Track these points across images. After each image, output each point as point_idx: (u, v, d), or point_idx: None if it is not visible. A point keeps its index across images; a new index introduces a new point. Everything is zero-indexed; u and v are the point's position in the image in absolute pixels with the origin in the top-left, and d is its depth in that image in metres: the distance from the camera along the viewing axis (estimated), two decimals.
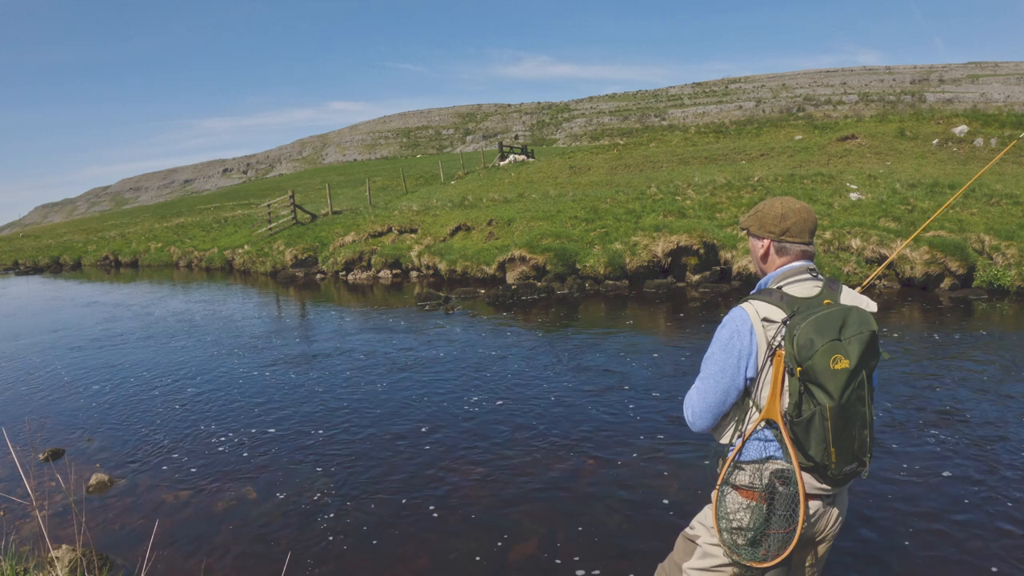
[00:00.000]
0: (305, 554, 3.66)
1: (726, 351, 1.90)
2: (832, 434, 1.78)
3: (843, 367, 1.75)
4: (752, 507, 1.90)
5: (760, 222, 2.02)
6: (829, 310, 1.82)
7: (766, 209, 2.02)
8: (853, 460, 1.84)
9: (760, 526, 1.88)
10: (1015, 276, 9.79)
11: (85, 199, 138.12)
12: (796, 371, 1.78)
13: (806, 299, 1.89)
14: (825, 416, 1.77)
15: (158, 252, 25.30)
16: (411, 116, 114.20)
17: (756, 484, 1.90)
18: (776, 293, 1.91)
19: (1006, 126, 19.40)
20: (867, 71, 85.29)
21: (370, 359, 7.95)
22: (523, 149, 36.82)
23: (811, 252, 2.00)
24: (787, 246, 1.98)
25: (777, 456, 1.89)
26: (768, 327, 1.86)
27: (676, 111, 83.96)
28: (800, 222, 1.97)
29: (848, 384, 1.76)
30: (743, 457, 1.93)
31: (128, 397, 6.96)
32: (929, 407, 5.33)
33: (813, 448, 1.81)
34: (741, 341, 1.88)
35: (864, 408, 1.81)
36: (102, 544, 3.87)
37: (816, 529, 1.98)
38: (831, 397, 1.76)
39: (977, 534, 3.49)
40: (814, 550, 2.06)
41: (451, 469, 4.67)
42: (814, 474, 1.87)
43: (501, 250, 13.65)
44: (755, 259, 2.08)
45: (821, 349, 1.75)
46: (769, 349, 1.85)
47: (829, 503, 1.95)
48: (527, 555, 3.53)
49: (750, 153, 21.68)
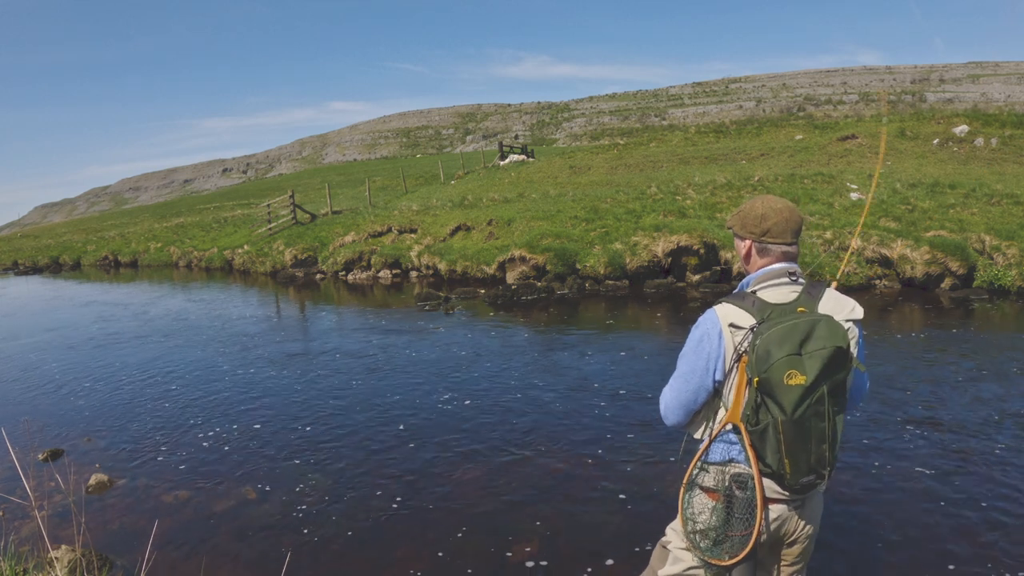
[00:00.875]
0: (305, 554, 3.65)
1: (696, 352, 1.91)
2: (785, 447, 1.76)
3: (797, 383, 1.71)
4: (714, 508, 1.92)
5: (742, 222, 2.01)
6: (796, 320, 1.77)
7: (748, 209, 2.00)
8: (809, 473, 1.81)
9: (721, 526, 1.90)
10: (1015, 276, 9.78)
11: (84, 199, 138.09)
12: (754, 381, 1.78)
13: (779, 305, 1.85)
14: (778, 429, 1.75)
15: (158, 252, 25.28)
16: (411, 116, 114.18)
17: (718, 486, 1.91)
18: (750, 297, 1.89)
19: (1007, 126, 19.40)
20: (867, 71, 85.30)
21: (370, 359, 7.94)
22: (523, 149, 36.80)
23: (793, 253, 1.96)
24: (768, 247, 1.95)
25: (739, 460, 1.89)
26: (735, 332, 1.85)
27: (676, 111, 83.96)
28: (782, 222, 1.94)
29: (802, 400, 1.72)
30: (709, 458, 1.95)
31: (127, 397, 6.95)
32: (928, 408, 5.32)
33: (769, 457, 1.81)
34: (710, 343, 1.88)
35: (824, 424, 1.76)
36: (102, 544, 3.86)
37: (785, 531, 1.97)
38: (783, 412, 1.74)
39: (968, 535, 3.48)
40: (786, 552, 2.05)
41: (451, 469, 4.66)
42: (774, 480, 1.87)
43: (501, 250, 13.64)
44: (741, 260, 2.08)
45: (777, 363, 1.72)
46: (736, 354, 1.84)
47: (796, 507, 1.94)
48: (527, 555, 3.52)
49: (750, 153, 21.68)
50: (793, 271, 1.93)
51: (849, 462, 4.39)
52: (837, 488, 4.04)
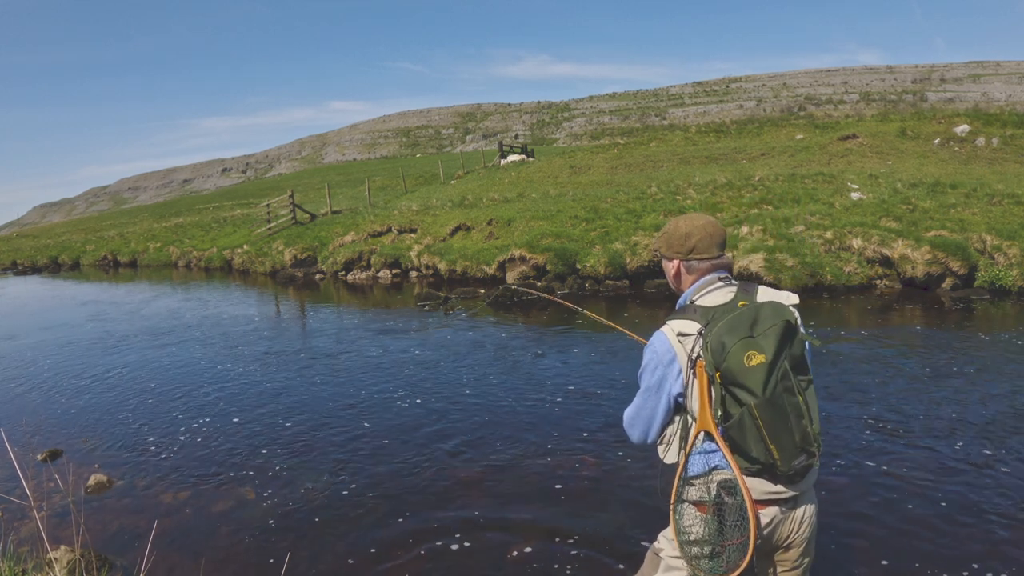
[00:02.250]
0: (304, 554, 3.64)
1: (651, 373, 1.94)
2: (766, 431, 1.75)
3: (759, 362, 1.74)
4: (705, 520, 1.90)
5: (668, 243, 2.06)
6: (740, 311, 1.83)
7: (671, 230, 2.06)
8: (800, 453, 1.79)
9: (715, 539, 1.87)
10: (1017, 276, 9.76)
11: (84, 199, 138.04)
12: (716, 376, 1.79)
13: (720, 306, 1.90)
14: (753, 414, 1.75)
15: (157, 252, 25.26)
16: (411, 116, 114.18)
17: (705, 497, 1.89)
18: (691, 308, 1.94)
19: (1008, 125, 19.38)
20: (868, 70, 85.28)
21: (369, 360, 7.93)
22: (523, 149, 36.80)
23: (722, 264, 2.03)
24: (695, 264, 2.02)
25: (722, 466, 1.87)
26: (685, 341, 1.88)
27: (677, 110, 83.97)
28: (706, 238, 2.00)
29: (768, 378, 1.74)
30: (690, 472, 1.93)
31: (127, 397, 6.93)
32: (929, 408, 5.31)
33: (753, 449, 1.79)
34: (661, 362, 1.91)
35: (796, 398, 1.77)
36: (101, 545, 3.85)
37: (779, 535, 1.95)
38: (753, 394, 1.74)
39: (965, 535, 3.46)
40: (784, 557, 2.02)
41: (451, 469, 4.65)
42: (765, 477, 1.85)
43: (501, 250, 13.63)
44: (669, 280, 2.13)
45: (733, 349, 1.75)
46: (690, 362, 1.86)
47: (789, 507, 1.92)
48: (528, 555, 3.51)
49: (751, 152, 21.67)
50: (724, 276, 2.00)
51: (850, 462, 4.37)
52: (838, 489, 4.03)
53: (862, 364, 6.57)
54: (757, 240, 11.63)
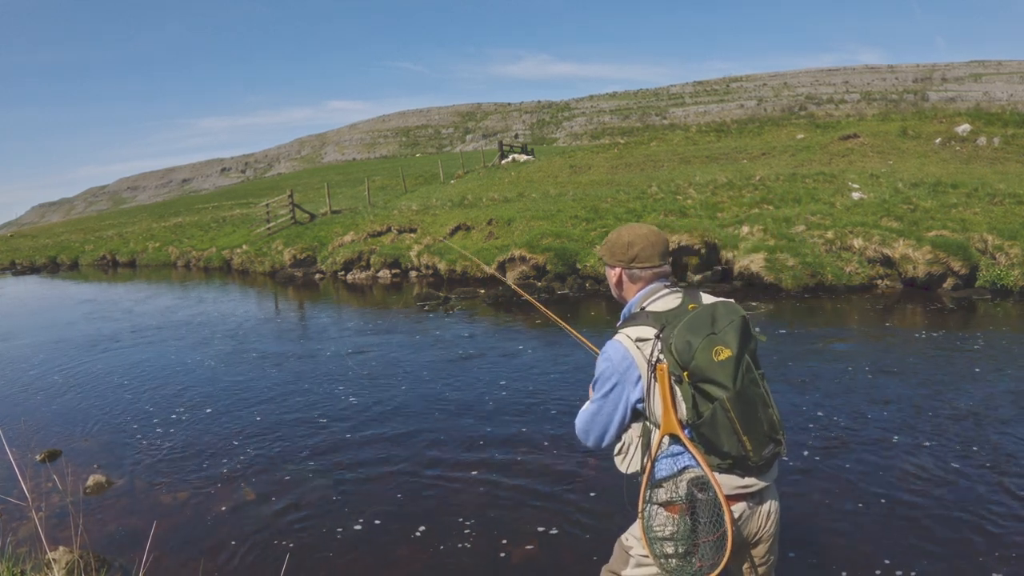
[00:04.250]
0: (304, 555, 3.62)
1: (606, 381, 1.95)
2: (739, 423, 1.78)
3: (727, 356, 1.78)
4: (676, 520, 1.90)
5: (611, 251, 2.11)
6: (697, 312, 1.88)
7: (615, 238, 2.10)
8: (769, 441, 1.85)
9: (688, 538, 1.87)
10: (1018, 276, 9.74)
11: (82, 198, 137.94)
12: (683, 376, 1.81)
13: (671, 310, 1.94)
14: (726, 407, 1.77)
15: (156, 252, 25.24)
16: (410, 115, 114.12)
17: (676, 497, 1.90)
18: (643, 314, 1.97)
19: (1009, 125, 19.36)
20: (869, 70, 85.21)
21: (369, 360, 7.91)
22: (523, 148, 36.78)
23: (664, 272, 2.07)
24: (637, 272, 2.06)
25: (692, 465, 1.88)
26: (643, 346, 1.90)
27: (677, 110, 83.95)
28: (648, 247, 2.04)
29: (737, 371, 1.79)
30: (658, 476, 1.93)
31: (126, 398, 6.91)
32: (940, 408, 5.29)
33: (726, 444, 1.81)
34: (617, 370, 1.93)
35: (760, 388, 1.84)
36: (100, 546, 3.83)
37: (748, 531, 1.97)
38: (724, 388, 1.77)
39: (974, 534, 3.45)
40: (751, 554, 2.05)
41: (450, 469, 4.63)
42: (735, 472, 1.88)
43: (501, 250, 13.60)
44: (612, 287, 2.18)
45: (700, 346, 1.78)
46: (649, 367, 1.88)
47: (756, 502, 1.95)
48: (527, 555, 3.49)
49: (751, 152, 21.65)
50: (668, 284, 2.06)
51: (851, 461, 4.36)
52: (838, 490, 4.01)
53: (862, 364, 6.55)
54: (758, 240, 11.62)
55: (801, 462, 4.41)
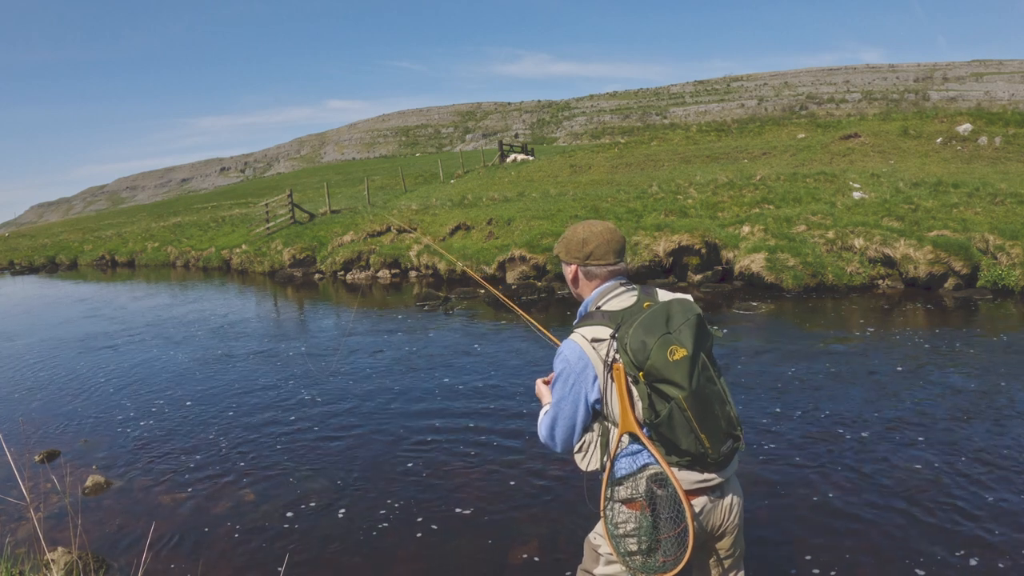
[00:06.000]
0: (303, 556, 3.60)
1: (564, 382, 1.95)
2: (696, 421, 1.80)
3: (682, 355, 1.79)
4: (637, 516, 1.91)
5: (566, 248, 2.10)
6: (652, 311, 1.88)
7: (570, 235, 2.09)
8: (727, 438, 1.87)
9: (650, 534, 1.89)
10: (1019, 276, 9.72)
11: (81, 198, 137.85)
12: (639, 376, 1.81)
13: (627, 309, 1.94)
14: (682, 407, 1.78)
15: (155, 252, 25.21)
16: (410, 115, 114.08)
17: (636, 495, 1.91)
18: (598, 314, 1.97)
19: (1011, 124, 19.32)
20: (870, 69, 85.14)
21: (368, 360, 7.89)
22: (523, 148, 36.77)
23: (620, 270, 2.07)
24: (592, 270, 2.05)
25: (651, 462, 1.89)
26: (599, 346, 1.90)
27: (678, 109, 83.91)
28: (603, 244, 2.03)
29: (692, 370, 1.79)
30: (618, 474, 1.94)
31: (125, 398, 6.89)
32: (930, 408, 5.27)
33: (684, 442, 1.82)
34: (573, 371, 1.92)
35: (716, 386, 1.86)
36: (98, 546, 3.82)
37: (711, 524, 1.98)
38: (680, 387, 1.78)
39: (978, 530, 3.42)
40: (717, 547, 2.07)
41: (450, 470, 4.61)
42: (695, 467, 1.89)
43: (501, 250, 13.58)
44: (568, 284, 2.16)
45: (655, 346, 1.79)
46: (606, 367, 1.87)
47: (717, 495, 1.96)
48: (527, 557, 3.47)
49: (752, 152, 21.62)
50: (624, 281, 2.06)
51: (850, 461, 4.34)
52: (837, 489, 3.99)
53: (862, 364, 6.53)
54: (758, 240, 11.59)
55: (801, 462, 4.39)
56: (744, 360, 6.89)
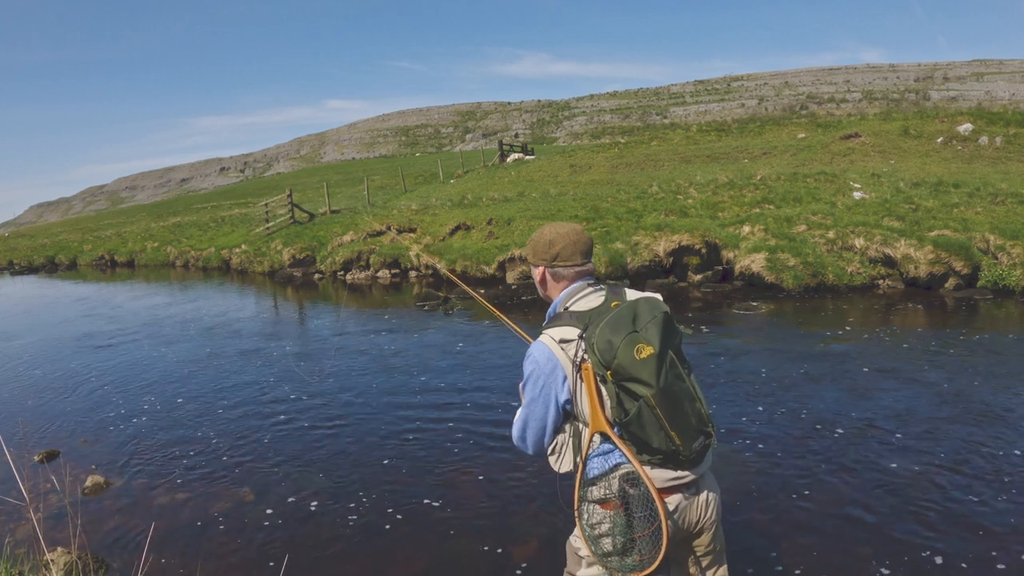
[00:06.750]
0: (302, 556, 3.59)
1: (534, 384, 1.96)
2: (666, 419, 1.80)
3: (649, 353, 1.79)
4: (611, 516, 1.91)
5: (533, 250, 2.10)
6: (618, 310, 1.88)
7: (537, 237, 2.10)
8: (698, 435, 1.87)
9: (625, 533, 1.88)
10: (1020, 276, 9.71)
11: (81, 198, 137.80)
12: (607, 375, 1.81)
13: (594, 309, 1.94)
14: (651, 405, 1.78)
15: (154, 252, 25.19)
16: (410, 114, 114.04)
17: (609, 494, 1.91)
18: (566, 315, 1.97)
19: (1011, 124, 19.31)
20: (871, 69, 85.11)
21: (368, 360, 7.88)
22: (523, 147, 36.75)
23: (587, 271, 2.07)
24: (560, 271, 2.05)
25: (623, 462, 1.89)
26: (567, 347, 1.90)
27: (678, 109, 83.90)
28: (569, 245, 2.03)
29: (660, 368, 1.79)
30: (591, 474, 1.94)
31: (124, 398, 6.88)
32: (931, 408, 5.26)
33: (654, 440, 1.82)
34: (543, 372, 1.93)
35: (686, 384, 1.86)
36: (98, 546, 3.81)
37: (687, 521, 1.98)
38: (648, 385, 1.78)
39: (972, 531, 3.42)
40: (695, 544, 2.06)
41: (450, 470, 4.60)
42: (667, 465, 1.88)
43: (501, 250, 13.57)
44: (537, 286, 2.16)
45: (622, 345, 1.79)
46: (575, 368, 1.88)
47: (692, 492, 1.96)
48: (525, 556, 3.47)
49: (752, 152, 21.62)
50: (592, 282, 2.06)
51: (851, 461, 4.33)
52: (836, 489, 3.98)
53: (863, 363, 6.52)
54: (759, 240, 11.59)
55: (802, 462, 4.38)
56: (744, 360, 6.89)
